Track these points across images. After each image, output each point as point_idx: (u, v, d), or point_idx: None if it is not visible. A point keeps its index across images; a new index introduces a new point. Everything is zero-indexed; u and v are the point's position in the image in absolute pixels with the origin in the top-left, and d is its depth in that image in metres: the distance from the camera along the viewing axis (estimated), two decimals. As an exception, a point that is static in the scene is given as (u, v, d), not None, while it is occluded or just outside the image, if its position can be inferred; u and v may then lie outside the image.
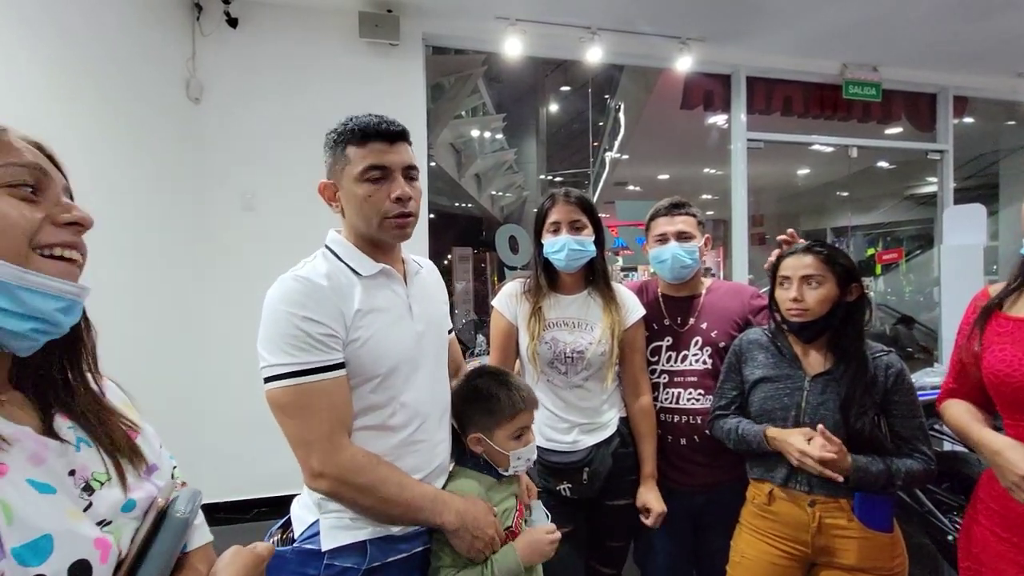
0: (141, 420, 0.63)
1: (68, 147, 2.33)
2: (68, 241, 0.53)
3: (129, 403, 0.64)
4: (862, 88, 3.94)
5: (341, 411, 0.91)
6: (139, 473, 0.58)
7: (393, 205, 0.96)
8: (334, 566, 0.91)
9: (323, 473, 0.89)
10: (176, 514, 0.56)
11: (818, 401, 1.21)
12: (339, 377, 0.91)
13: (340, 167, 0.98)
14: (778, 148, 4.13)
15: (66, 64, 2.11)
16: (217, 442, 2.87)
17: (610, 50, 3.42)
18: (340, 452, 0.89)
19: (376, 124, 0.96)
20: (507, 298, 1.46)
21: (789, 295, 1.22)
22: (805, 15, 3.21)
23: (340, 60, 3.06)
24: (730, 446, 1.32)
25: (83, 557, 0.47)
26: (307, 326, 0.88)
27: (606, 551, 1.46)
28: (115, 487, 0.54)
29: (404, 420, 0.97)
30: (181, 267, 2.77)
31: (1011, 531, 1.02)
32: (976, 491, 1.14)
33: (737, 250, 3.93)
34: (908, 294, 5.80)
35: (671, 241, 1.46)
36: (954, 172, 4.27)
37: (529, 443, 1.09)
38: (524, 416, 1.09)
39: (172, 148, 2.72)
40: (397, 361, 0.96)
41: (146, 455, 0.60)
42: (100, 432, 0.56)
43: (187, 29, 2.85)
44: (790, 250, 1.28)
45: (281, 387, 0.88)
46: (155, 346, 2.57)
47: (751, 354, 1.33)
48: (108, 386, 0.63)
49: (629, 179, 7.12)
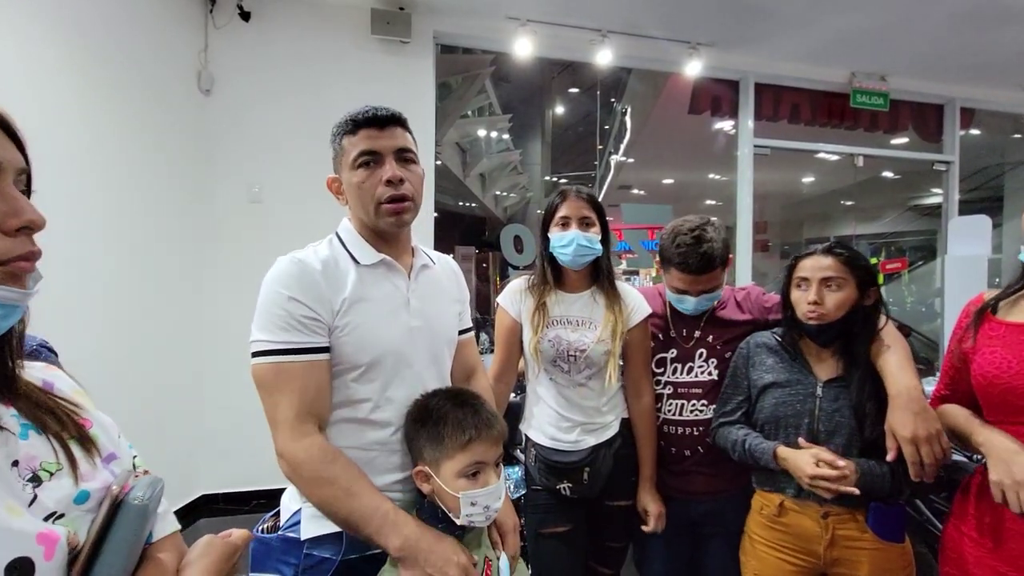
0: (96, 410, 0.59)
1: (80, 137, 2.36)
2: (22, 254, 0.46)
3: (83, 392, 0.59)
4: (870, 97, 3.95)
5: (312, 396, 0.90)
6: (93, 461, 0.53)
7: (385, 188, 0.95)
8: (313, 556, 0.91)
9: (282, 455, 0.89)
10: (133, 501, 0.51)
11: (832, 408, 1.18)
12: (317, 361, 0.91)
13: (340, 159, 1.00)
14: (784, 155, 4.13)
15: (80, 56, 2.12)
16: (216, 434, 2.88)
17: (619, 53, 3.43)
18: (300, 439, 0.88)
19: (365, 111, 0.97)
20: (512, 295, 1.45)
21: (808, 297, 1.18)
22: (815, 23, 3.22)
23: (351, 56, 3.07)
24: (733, 457, 1.29)
25: (23, 555, 0.42)
26: (291, 306, 0.90)
27: (605, 551, 1.46)
28: (66, 476, 0.50)
29: (388, 417, 0.96)
30: (186, 257, 2.78)
31: (988, 537, 1.01)
32: (956, 496, 1.13)
33: (741, 257, 3.94)
34: (910, 304, 5.80)
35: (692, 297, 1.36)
36: (959, 183, 4.28)
37: (488, 485, 0.86)
38: (478, 448, 0.86)
39: (182, 139, 2.73)
40: (382, 353, 0.95)
41: (101, 443, 0.55)
42: (47, 419, 0.52)
43: (200, 22, 2.87)
44: (808, 250, 1.24)
45: (260, 363, 0.90)
46: (159, 337, 2.58)
47: (759, 358, 1.29)
48: (58, 375, 0.59)
49: (634, 183, 7.12)
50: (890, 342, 1.18)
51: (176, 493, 2.73)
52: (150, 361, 2.50)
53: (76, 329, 2.06)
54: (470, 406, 0.92)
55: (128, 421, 0.66)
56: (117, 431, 0.60)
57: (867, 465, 1.13)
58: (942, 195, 4.34)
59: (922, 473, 1.05)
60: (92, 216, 2.17)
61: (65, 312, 1.98)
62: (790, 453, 1.17)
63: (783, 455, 1.17)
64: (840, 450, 1.16)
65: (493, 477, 0.89)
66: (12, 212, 0.45)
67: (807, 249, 1.25)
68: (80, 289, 2.10)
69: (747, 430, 1.27)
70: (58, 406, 0.54)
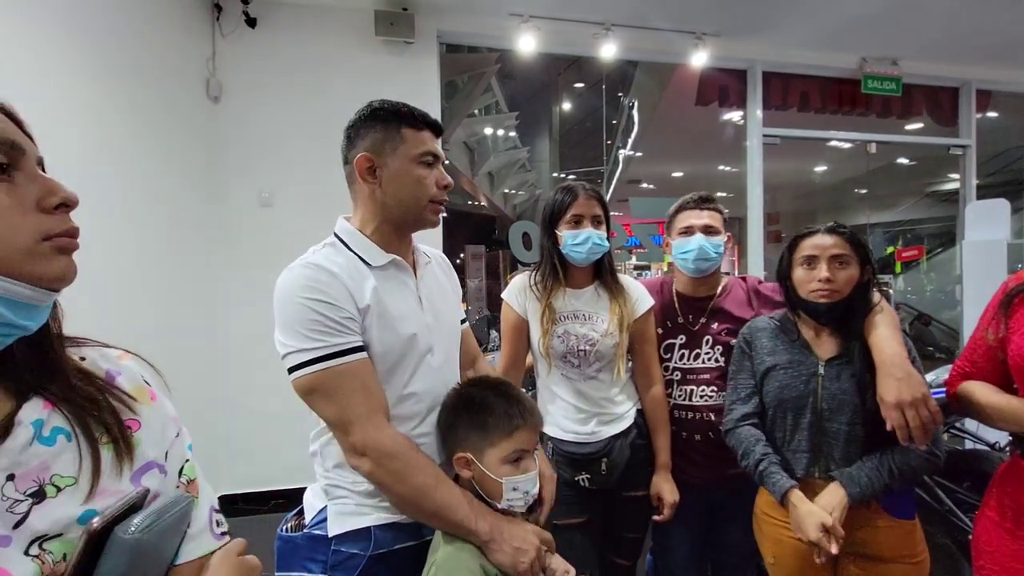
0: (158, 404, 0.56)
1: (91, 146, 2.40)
2: (67, 229, 0.47)
3: (143, 389, 0.56)
4: (881, 82, 3.88)
5: (375, 391, 0.91)
6: (120, 472, 0.49)
7: (440, 191, 1.01)
8: (341, 552, 0.91)
9: (365, 450, 0.88)
10: (123, 535, 0.45)
11: (835, 387, 1.19)
12: (366, 359, 0.91)
13: (392, 146, 0.97)
14: (795, 144, 4.07)
15: (89, 65, 2.16)
16: (235, 435, 2.93)
17: (624, 46, 3.41)
18: (380, 431, 0.88)
19: (424, 114, 1.01)
20: (516, 291, 1.46)
21: (820, 275, 1.18)
22: (823, 7, 3.17)
23: (356, 58, 3.09)
24: (740, 465, 1.27)
25: None
26: (326, 310, 0.89)
27: (622, 542, 1.46)
28: (80, 492, 0.46)
29: (412, 410, 0.97)
30: (199, 262, 2.82)
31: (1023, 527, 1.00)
32: (990, 486, 1.11)
33: (753, 248, 3.89)
34: (929, 292, 5.69)
35: (697, 233, 1.45)
36: (977, 168, 4.18)
37: (528, 472, 0.91)
38: (523, 435, 0.91)
39: (192, 146, 2.78)
40: (405, 352, 0.96)
41: (140, 451, 0.51)
42: (90, 419, 0.48)
43: (207, 29, 2.91)
44: (808, 230, 1.25)
45: (310, 373, 0.88)
46: (174, 341, 2.62)
47: (759, 341, 1.30)
48: (126, 366, 0.56)
49: (643, 177, 7.08)
50: (879, 315, 1.20)
51: (196, 494, 2.77)
52: (166, 365, 2.53)
53: (91, 333, 2.10)
54: (513, 395, 0.95)
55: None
56: (176, 429, 0.57)
57: (857, 488, 1.12)
58: (960, 180, 4.25)
59: (910, 438, 1.06)
60: (105, 225, 2.22)
61: (80, 319, 2.02)
62: (802, 504, 1.15)
63: (795, 502, 1.16)
64: (844, 428, 1.17)
65: (532, 464, 0.93)
66: (49, 191, 0.46)
67: (805, 228, 1.25)
68: (94, 297, 2.14)
69: (766, 449, 1.24)
70: (108, 403, 0.51)
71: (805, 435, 1.21)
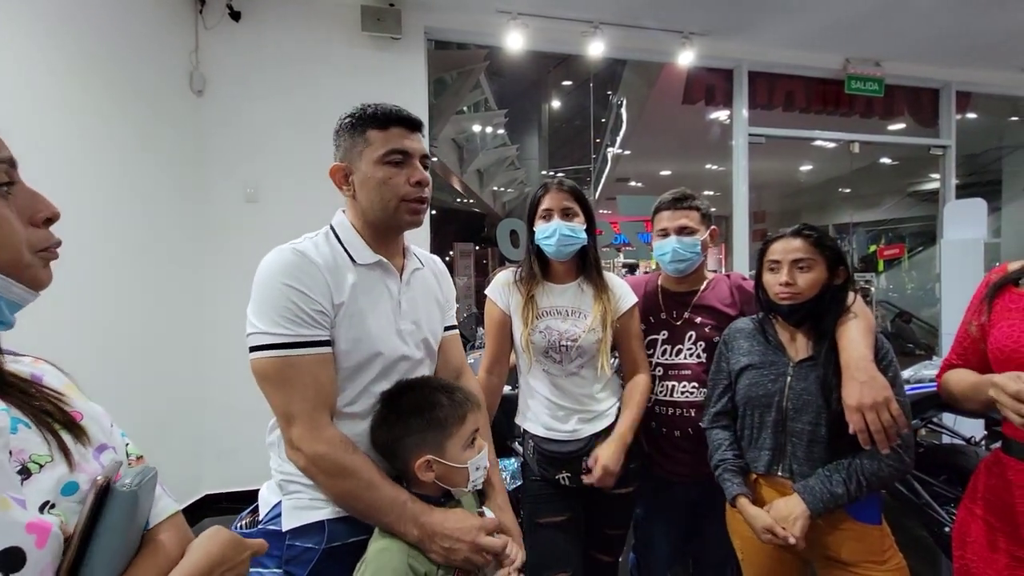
0: (88, 401, 0.60)
1: (72, 139, 2.35)
2: (55, 242, 0.52)
3: (72, 385, 0.60)
4: (865, 83, 3.94)
5: (325, 389, 0.91)
6: (85, 452, 0.54)
7: (412, 188, 0.98)
8: (295, 546, 0.92)
9: (299, 448, 0.89)
10: (122, 488, 0.52)
11: (801, 387, 1.20)
12: (326, 354, 0.91)
13: (358, 150, 0.98)
14: (780, 144, 4.11)
15: (70, 57, 2.12)
16: (219, 434, 2.89)
17: (612, 44, 3.42)
18: (320, 431, 0.89)
19: (398, 111, 0.99)
20: (500, 287, 1.46)
21: (780, 279, 1.21)
22: (808, 9, 3.21)
23: (342, 54, 3.06)
24: (710, 464, 1.33)
25: (14, 544, 0.43)
26: (299, 299, 0.89)
27: (605, 539, 1.47)
28: (59, 466, 0.51)
29: (371, 408, 0.97)
30: (183, 258, 2.78)
31: (1004, 521, 1.02)
32: (972, 481, 1.13)
33: (738, 246, 3.93)
34: (910, 290, 5.80)
35: (671, 235, 1.47)
36: (957, 168, 4.26)
37: (482, 448, 0.97)
38: (472, 416, 0.96)
39: (175, 140, 2.73)
40: (372, 354, 0.96)
41: (92, 434, 0.56)
42: (38, 412, 0.52)
43: (190, 22, 2.86)
44: (778, 234, 1.27)
45: (267, 357, 0.89)
46: (157, 338, 2.58)
47: (736, 343, 1.33)
48: (46, 370, 0.59)
49: (631, 175, 7.12)
50: (853, 317, 1.20)
51: (179, 493, 2.73)
52: (149, 363, 2.51)
53: (75, 332, 2.06)
54: (445, 385, 0.98)
55: (128, 422, 0.66)
56: (109, 420, 0.61)
57: (822, 503, 1.13)
58: (940, 180, 4.33)
59: (871, 442, 1.06)
60: (86, 220, 2.18)
61: (63, 315, 1.98)
62: (747, 508, 1.21)
63: (741, 506, 1.22)
64: (808, 428, 1.19)
65: (481, 440, 0.99)
66: (39, 207, 0.51)
67: (777, 232, 1.28)
68: (77, 293, 2.10)
69: (732, 452, 1.29)
70: (47, 398, 0.54)
71: (769, 433, 1.23)
